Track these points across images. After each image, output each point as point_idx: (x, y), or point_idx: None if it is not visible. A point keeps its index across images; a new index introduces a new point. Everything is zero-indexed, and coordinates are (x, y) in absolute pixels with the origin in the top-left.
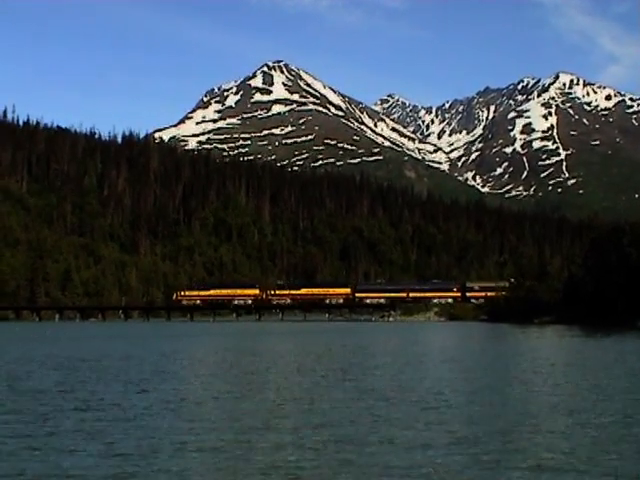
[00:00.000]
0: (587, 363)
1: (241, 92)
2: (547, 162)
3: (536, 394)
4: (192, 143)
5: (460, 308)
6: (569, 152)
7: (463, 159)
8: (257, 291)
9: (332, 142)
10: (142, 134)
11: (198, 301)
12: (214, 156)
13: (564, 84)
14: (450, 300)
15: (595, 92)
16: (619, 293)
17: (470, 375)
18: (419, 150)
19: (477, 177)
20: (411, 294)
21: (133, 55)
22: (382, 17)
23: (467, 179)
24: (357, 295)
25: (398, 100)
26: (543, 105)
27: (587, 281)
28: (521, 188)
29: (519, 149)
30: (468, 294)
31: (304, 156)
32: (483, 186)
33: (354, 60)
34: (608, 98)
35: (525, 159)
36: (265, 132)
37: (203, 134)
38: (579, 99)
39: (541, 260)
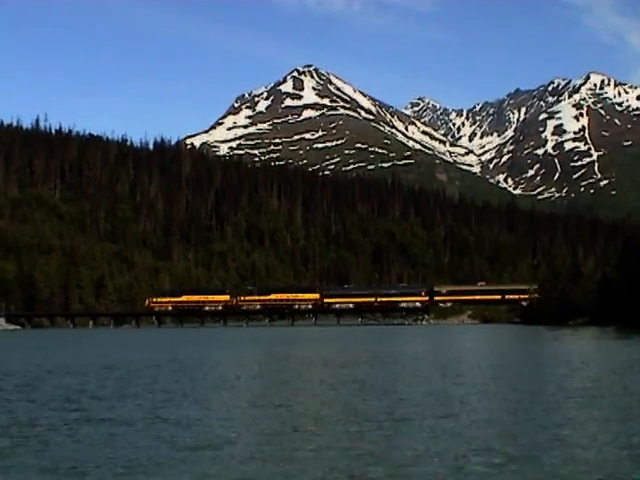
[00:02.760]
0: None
1: (272, 97)
2: (579, 163)
3: None
4: (223, 149)
5: (494, 311)
6: (601, 153)
7: (495, 161)
8: (227, 297)
9: (363, 146)
10: (174, 140)
11: (170, 307)
12: (245, 161)
13: (595, 85)
14: (418, 304)
15: (626, 92)
16: None
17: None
18: (450, 153)
19: (509, 179)
20: (379, 299)
21: (164, 61)
22: (413, 21)
23: (499, 181)
24: (325, 300)
25: (428, 103)
26: (574, 106)
27: (621, 282)
28: (553, 190)
29: (551, 150)
30: (436, 298)
31: (335, 160)
32: (515, 188)
33: (384, 64)
34: (639, 98)
35: (557, 160)
36: (296, 137)
37: (234, 140)
38: (610, 99)
39: (574, 262)
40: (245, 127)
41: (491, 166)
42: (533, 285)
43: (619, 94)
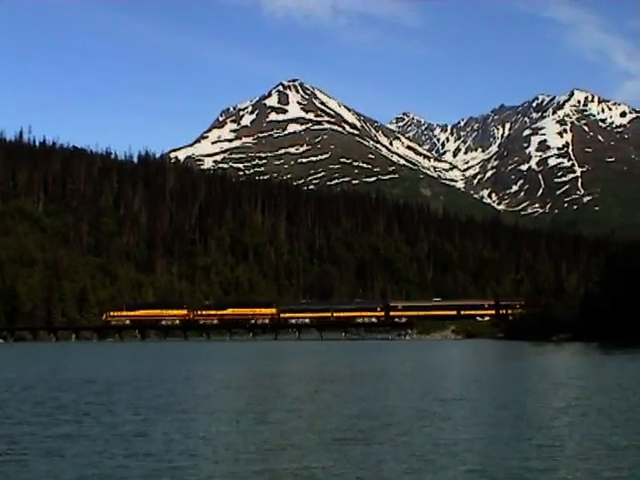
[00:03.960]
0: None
1: (256, 111)
2: (563, 179)
3: None
4: (208, 162)
5: (477, 326)
6: (585, 169)
7: (479, 177)
8: (185, 311)
9: (348, 161)
10: (158, 154)
11: (128, 321)
12: (230, 175)
13: (579, 101)
14: (374, 320)
15: (610, 109)
16: (636, 310)
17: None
18: (435, 168)
19: (493, 195)
20: (335, 314)
21: (148, 75)
22: (399, 36)
23: (483, 197)
24: (282, 315)
25: (413, 118)
26: (558, 122)
27: (604, 298)
28: (537, 205)
29: (534, 166)
30: (392, 313)
31: (320, 175)
32: (499, 204)
33: (369, 78)
34: (623, 115)
35: (541, 176)
36: (281, 151)
37: (219, 153)
38: (594, 116)
39: (557, 277)
40: (230, 141)
41: (475, 181)
42: (489, 301)
43: (603, 111)
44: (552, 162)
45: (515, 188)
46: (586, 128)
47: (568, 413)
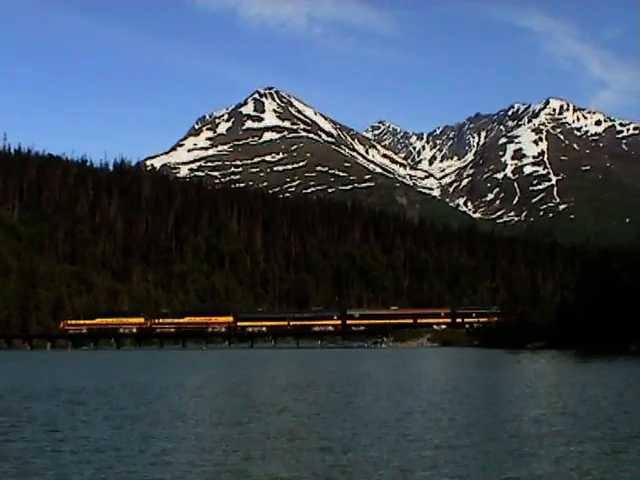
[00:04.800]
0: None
1: (232, 119)
2: (538, 187)
3: None
4: (184, 170)
5: (452, 334)
6: (560, 177)
7: (454, 185)
8: (142, 319)
9: (324, 169)
10: (134, 162)
11: (84, 330)
12: (206, 183)
13: (554, 110)
14: (331, 328)
15: (585, 117)
16: (611, 317)
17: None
18: (410, 176)
19: (468, 203)
20: (292, 322)
21: (124, 82)
22: (374, 44)
23: (458, 205)
24: (239, 324)
25: (389, 127)
26: (534, 131)
27: (579, 305)
28: (512, 213)
29: (510, 175)
30: (349, 321)
31: (296, 183)
32: (474, 212)
33: (345, 87)
34: (598, 123)
35: (516, 184)
36: (257, 159)
37: (195, 161)
38: (569, 124)
39: (533, 285)
40: (206, 149)
41: (451, 190)
42: (445, 309)
43: (578, 119)
44: (528, 170)
45: (491, 196)
46: (561, 136)
47: (541, 422)
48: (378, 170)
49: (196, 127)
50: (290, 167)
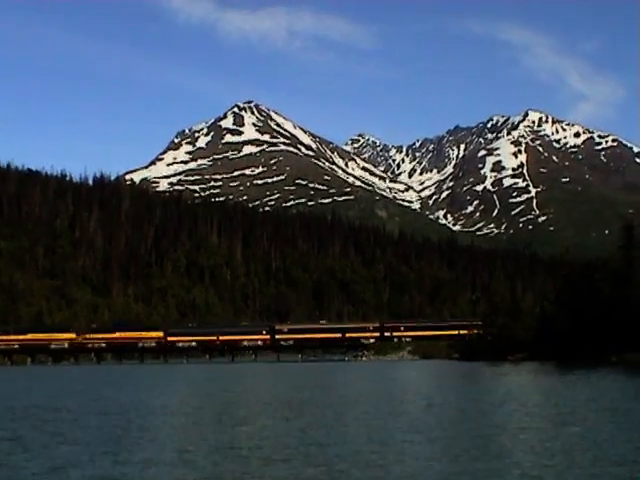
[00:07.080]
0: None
1: (212, 133)
2: (518, 199)
3: None
4: (163, 184)
5: (433, 347)
6: (539, 189)
7: (434, 197)
8: (73, 335)
9: (303, 182)
10: (113, 176)
11: (16, 345)
12: (185, 197)
13: (533, 122)
14: (260, 343)
15: (564, 129)
16: (592, 328)
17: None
18: (390, 189)
19: (448, 215)
20: (221, 337)
21: (103, 97)
22: (354, 58)
23: (438, 217)
24: (169, 339)
25: (368, 140)
26: (513, 143)
27: (560, 317)
28: (492, 226)
29: (490, 187)
30: (277, 336)
31: (275, 196)
32: (454, 224)
33: (324, 100)
34: (577, 135)
35: (496, 197)
36: (236, 173)
37: (174, 175)
38: (548, 137)
39: (513, 297)
40: (185, 163)
41: (431, 202)
42: (374, 323)
43: (557, 131)
44: (507, 182)
45: (470, 209)
46: (540, 149)
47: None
48: (358, 183)
49: (175, 141)
50: (270, 181)
